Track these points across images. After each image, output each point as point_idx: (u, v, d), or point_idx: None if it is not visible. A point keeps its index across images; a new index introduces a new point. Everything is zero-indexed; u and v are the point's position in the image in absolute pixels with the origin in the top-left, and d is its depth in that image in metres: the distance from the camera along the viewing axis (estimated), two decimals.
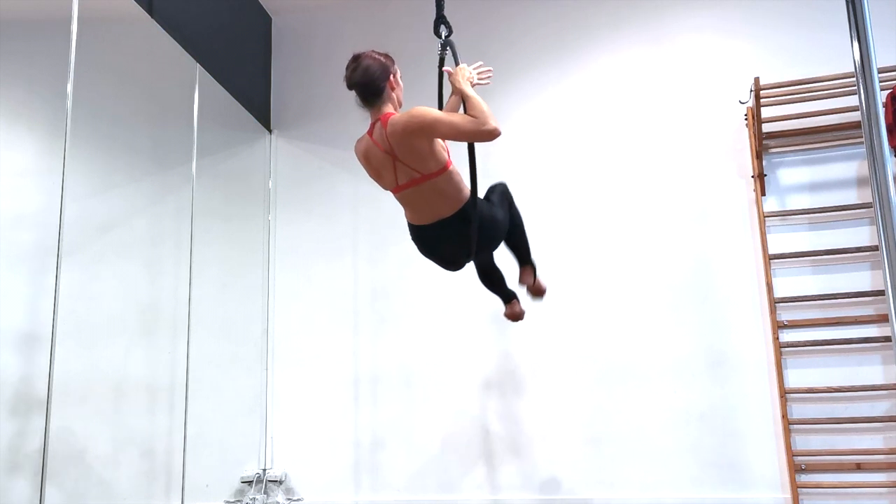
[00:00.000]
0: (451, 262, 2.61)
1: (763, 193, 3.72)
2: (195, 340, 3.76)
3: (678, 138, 3.95)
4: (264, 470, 4.09)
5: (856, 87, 1.55)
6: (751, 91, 3.66)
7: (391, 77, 2.42)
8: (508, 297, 3.07)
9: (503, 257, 2.89)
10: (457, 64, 2.50)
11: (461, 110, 2.39)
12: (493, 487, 3.84)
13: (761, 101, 3.61)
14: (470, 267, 2.73)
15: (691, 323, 3.74)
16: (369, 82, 2.38)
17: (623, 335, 3.81)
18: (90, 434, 3.63)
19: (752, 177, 3.74)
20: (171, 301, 3.89)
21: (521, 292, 3.00)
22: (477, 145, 2.40)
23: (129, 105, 3.91)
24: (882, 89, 2.84)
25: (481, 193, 2.54)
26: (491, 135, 2.24)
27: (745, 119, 3.79)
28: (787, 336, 3.59)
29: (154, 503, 3.77)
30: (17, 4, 3.26)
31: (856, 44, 1.54)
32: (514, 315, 3.08)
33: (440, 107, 2.74)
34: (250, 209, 4.42)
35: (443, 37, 2.64)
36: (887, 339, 3.38)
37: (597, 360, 3.83)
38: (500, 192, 2.71)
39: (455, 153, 2.50)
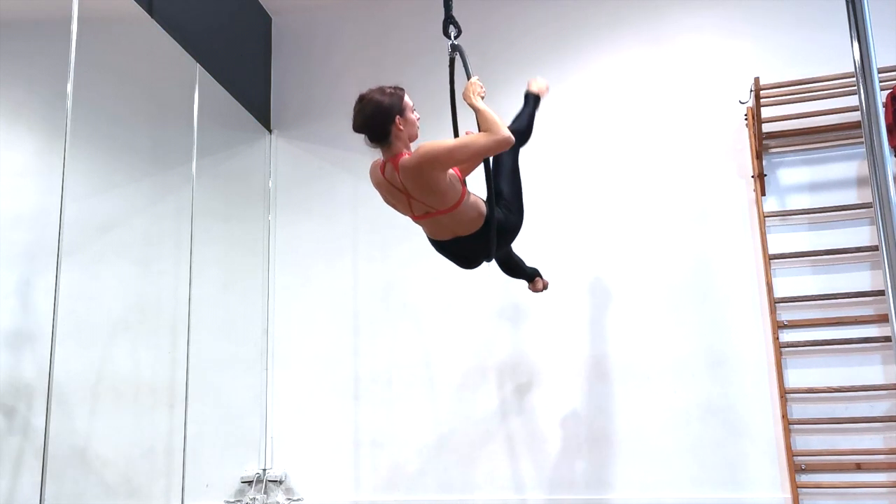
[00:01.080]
0: (470, 264, 2.63)
1: (763, 193, 3.72)
2: (195, 340, 3.75)
3: (678, 138, 3.95)
4: (264, 470, 4.09)
5: (856, 87, 1.55)
6: (751, 91, 3.66)
7: (398, 117, 2.30)
8: (531, 276, 3.25)
9: (516, 249, 2.91)
10: (468, 76, 2.45)
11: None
12: (493, 487, 3.84)
13: (761, 101, 3.60)
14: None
15: (691, 323, 3.74)
16: (372, 127, 2.31)
17: (623, 335, 3.81)
18: (90, 434, 3.63)
19: (752, 177, 3.74)
20: (171, 301, 3.88)
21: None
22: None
23: (129, 105, 3.90)
24: (882, 89, 2.85)
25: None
26: (508, 142, 2.24)
27: (745, 119, 3.79)
28: (787, 336, 3.59)
29: (154, 503, 3.77)
30: (17, 4, 3.25)
31: (856, 44, 1.54)
32: (538, 290, 3.31)
33: (453, 111, 2.68)
34: (250, 209, 4.42)
35: (451, 37, 2.57)
36: (887, 339, 3.38)
37: (597, 360, 3.82)
38: (509, 173, 2.65)
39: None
